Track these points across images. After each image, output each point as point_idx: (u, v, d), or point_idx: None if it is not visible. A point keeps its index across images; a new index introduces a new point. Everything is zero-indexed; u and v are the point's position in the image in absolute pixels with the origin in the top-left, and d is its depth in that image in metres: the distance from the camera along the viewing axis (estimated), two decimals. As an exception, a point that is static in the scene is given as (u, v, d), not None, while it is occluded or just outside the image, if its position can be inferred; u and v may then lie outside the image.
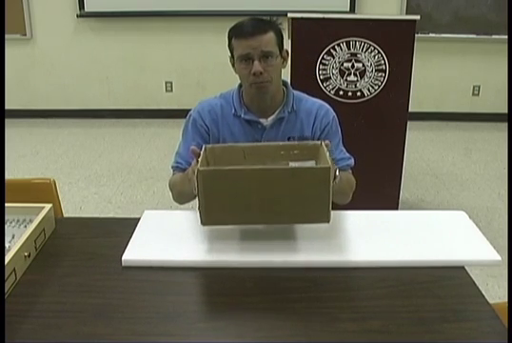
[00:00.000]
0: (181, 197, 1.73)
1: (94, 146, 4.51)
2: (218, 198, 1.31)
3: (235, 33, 1.61)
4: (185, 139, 1.78)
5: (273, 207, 1.32)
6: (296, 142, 1.67)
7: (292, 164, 1.52)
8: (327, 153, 1.41)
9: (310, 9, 4.25)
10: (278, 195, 1.31)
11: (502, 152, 4.30)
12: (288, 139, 1.74)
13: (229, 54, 1.67)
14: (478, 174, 3.89)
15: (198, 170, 1.28)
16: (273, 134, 1.74)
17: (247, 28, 1.59)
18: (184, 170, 1.69)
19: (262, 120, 1.74)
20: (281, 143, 1.60)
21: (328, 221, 1.33)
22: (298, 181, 1.29)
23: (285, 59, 1.69)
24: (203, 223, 1.34)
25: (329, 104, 1.82)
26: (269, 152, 1.52)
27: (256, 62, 1.59)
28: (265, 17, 1.66)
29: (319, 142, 1.50)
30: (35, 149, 4.41)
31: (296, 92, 1.78)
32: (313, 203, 1.31)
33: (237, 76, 1.70)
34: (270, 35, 1.60)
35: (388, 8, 4.76)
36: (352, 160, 1.84)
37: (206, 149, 1.48)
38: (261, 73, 1.60)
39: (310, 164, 1.52)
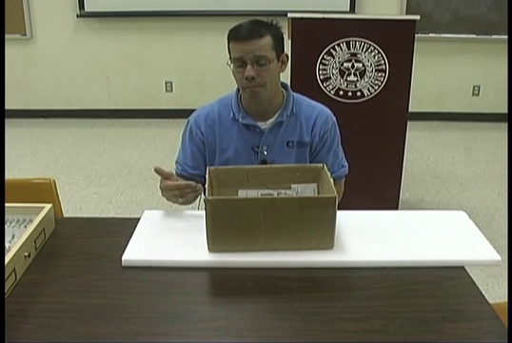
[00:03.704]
0: None
1: (94, 146, 4.50)
2: (225, 226, 1.33)
3: (232, 36, 1.60)
4: (182, 146, 1.81)
5: (280, 235, 1.35)
6: (298, 164, 1.70)
7: (294, 186, 1.54)
8: (330, 176, 1.44)
9: (310, 9, 4.26)
10: (284, 224, 1.33)
11: (502, 152, 4.30)
12: (287, 144, 1.74)
13: (229, 55, 1.67)
14: (478, 174, 3.89)
15: (207, 199, 1.31)
16: (271, 139, 1.73)
17: (244, 31, 1.58)
18: (183, 176, 1.75)
19: (260, 124, 1.72)
20: (283, 166, 1.62)
21: (332, 247, 1.37)
22: (305, 210, 1.31)
23: (284, 63, 1.67)
24: (210, 250, 1.36)
25: (329, 104, 1.81)
26: (272, 175, 1.55)
27: (249, 66, 1.58)
28: (266, 19, 1.64)
29: (321, 165, 1.53)
30: (35, 149, 4.41)
31: (296, 95, 1.77)
32: (319, 231, 1.35)
33: (237, 77, 1.69)
34: (266, 40, 1.58)
35: (388, 8, 4.76)
36: (346, 168, 1.85)
37: (209, 171, 1.50)
38: (253, 78, 1.58)
39: (312, 187, 1.55)
